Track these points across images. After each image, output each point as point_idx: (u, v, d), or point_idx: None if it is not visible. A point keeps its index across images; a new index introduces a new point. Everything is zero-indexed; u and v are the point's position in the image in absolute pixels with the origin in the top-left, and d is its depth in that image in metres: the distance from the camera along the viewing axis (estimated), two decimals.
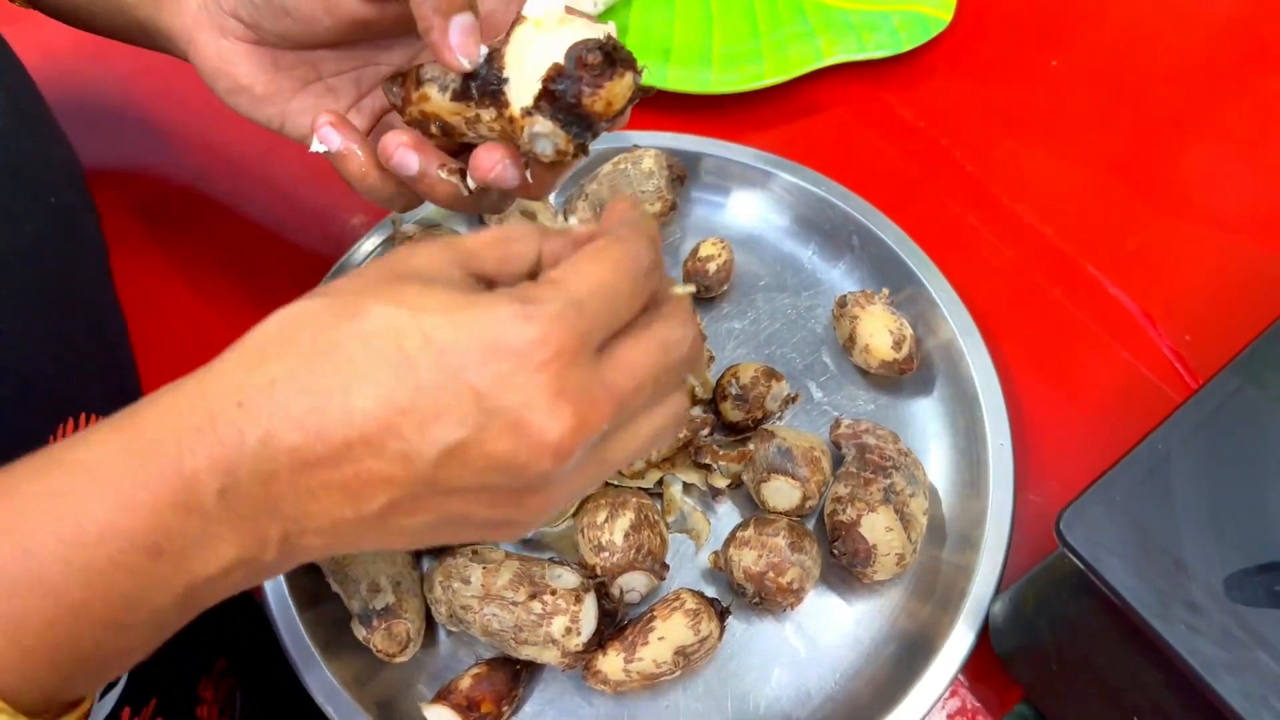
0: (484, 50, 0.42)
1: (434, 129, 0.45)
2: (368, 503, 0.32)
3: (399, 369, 0.31)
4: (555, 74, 0.39)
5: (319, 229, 0.70)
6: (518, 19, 0.41)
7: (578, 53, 0.39)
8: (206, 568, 0.31)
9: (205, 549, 0.31)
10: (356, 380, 0.30)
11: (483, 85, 0.42)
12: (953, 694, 0.54)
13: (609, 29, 0.41)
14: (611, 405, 0.33)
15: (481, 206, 0.48)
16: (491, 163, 0.43)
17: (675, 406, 0.37)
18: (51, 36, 0.63)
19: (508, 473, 0.32)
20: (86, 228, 0.51)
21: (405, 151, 0.45)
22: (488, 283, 0.35)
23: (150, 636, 0.33)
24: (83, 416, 0.45)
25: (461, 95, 0.43)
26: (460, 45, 0.41)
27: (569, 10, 0.41)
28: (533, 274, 0.36)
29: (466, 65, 0.42)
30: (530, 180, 0.44)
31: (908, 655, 0.53)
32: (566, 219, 0.65)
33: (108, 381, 0.50)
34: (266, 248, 0.70)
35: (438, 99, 0.44)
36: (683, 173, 0.66)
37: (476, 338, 0.31)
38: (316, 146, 0.46)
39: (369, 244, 0.64)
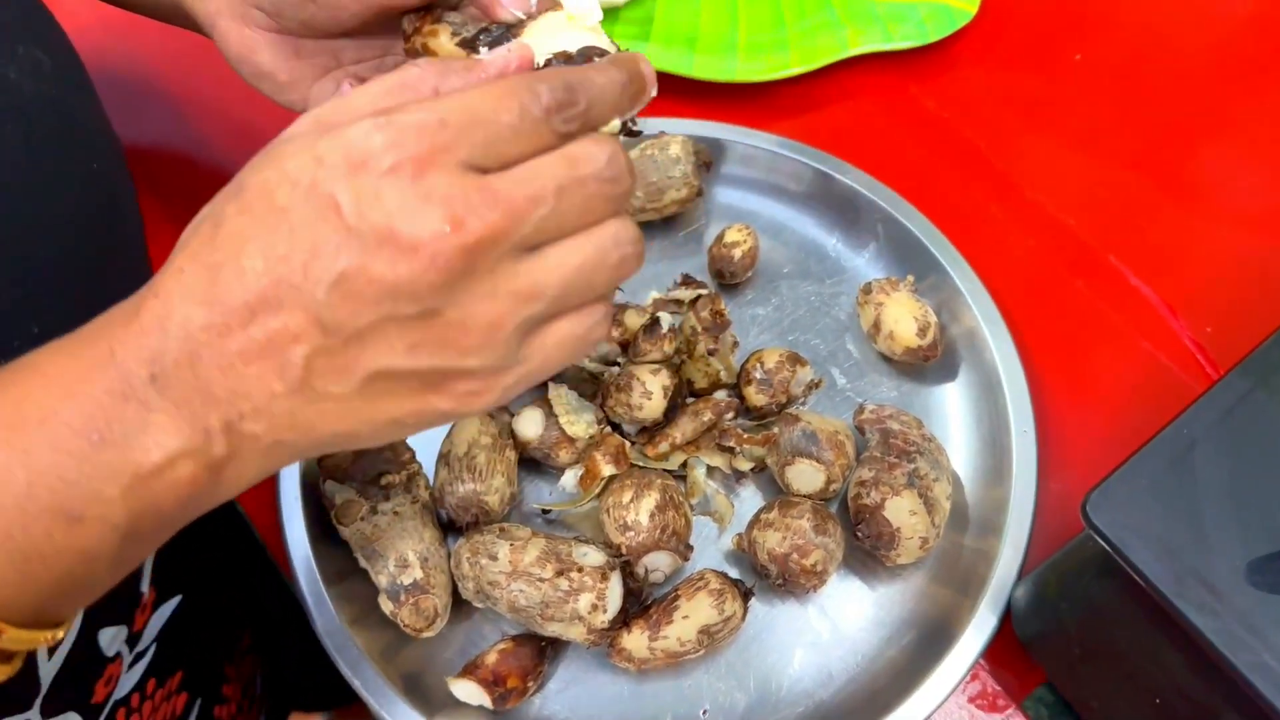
0: (532, 3, 0.43)
1: None
2: (288, 367, 0.31)
3: (273, 219, 0.31)
4: (563, 59, 0.40)
5: None
6: (555, 5, 0.42)
7: (591, 53, 0.39)
8: (149, 456, 0.31)
9: (146, 436, 0.31)
10: (244, 244, 0.31)
11: (494, 43, 0.43)
12: (973, 678, 0.54)
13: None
14: (497, 209, 0.31)
15: None
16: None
17: (614, 230, 0.34)
18: (82, 12, 0.63)
19: (399, 294, 0.31)
20: (126, 199, 0.51)
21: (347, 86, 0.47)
22: None
23: (106, 537, 0.32)
24: None
25: (469, 44, 0.43)
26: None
27: (603, 26, 0.42)
28: None
29: (515, 14, 0.42)
30: None
31: (929, 639, 0.53)
32: None
33: None
34: None
35: (445, 40, 0.44)
36: (709, 159, 0.67)
37: (333, 159, 0.30)
38: None
39: None
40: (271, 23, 0.48)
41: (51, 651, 0.44)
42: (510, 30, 0.42)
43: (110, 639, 0.49)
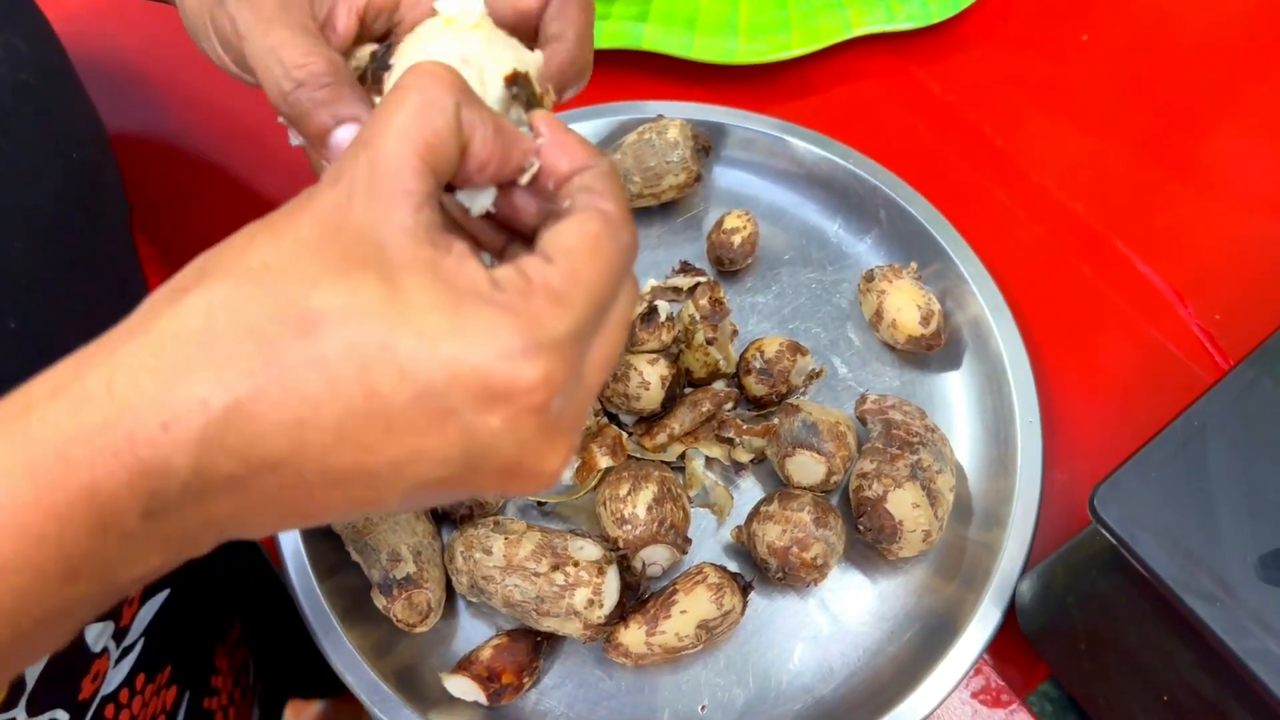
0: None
1: None
2: (322, 517, 0.29)
3: (366, 406, 0.26)
4: (510, 82, 0.37)
5: None
6: (431, 11, 0.39)
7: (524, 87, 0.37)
8: (130, 575, 0.28)
9: (129, 564, 0.28)
10: (311, 412, 0.26)
11: (375, 70, 0.39)
12: (977, 673, 0.53)
13: (536, 59, 0.39)
14: (591, 400, 0.31)
15: None
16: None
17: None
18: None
19: (494, 493, 0.31)
20: (110, 187, 0.50)
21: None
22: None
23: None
24: None
25: (374, 76, 0.39)
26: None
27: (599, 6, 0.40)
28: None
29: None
30: None
31: (932, 634, 0.53)
32: None
33: None
34: None
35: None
36: (708, 144, 0.65)
37: (466, 374, 0.27)
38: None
39: None
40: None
41: None
42: (388, 52, 0.39)
43: (97, 635, 0.48)
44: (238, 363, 0.26)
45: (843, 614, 0.54)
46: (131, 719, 0.53)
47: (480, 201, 0.33)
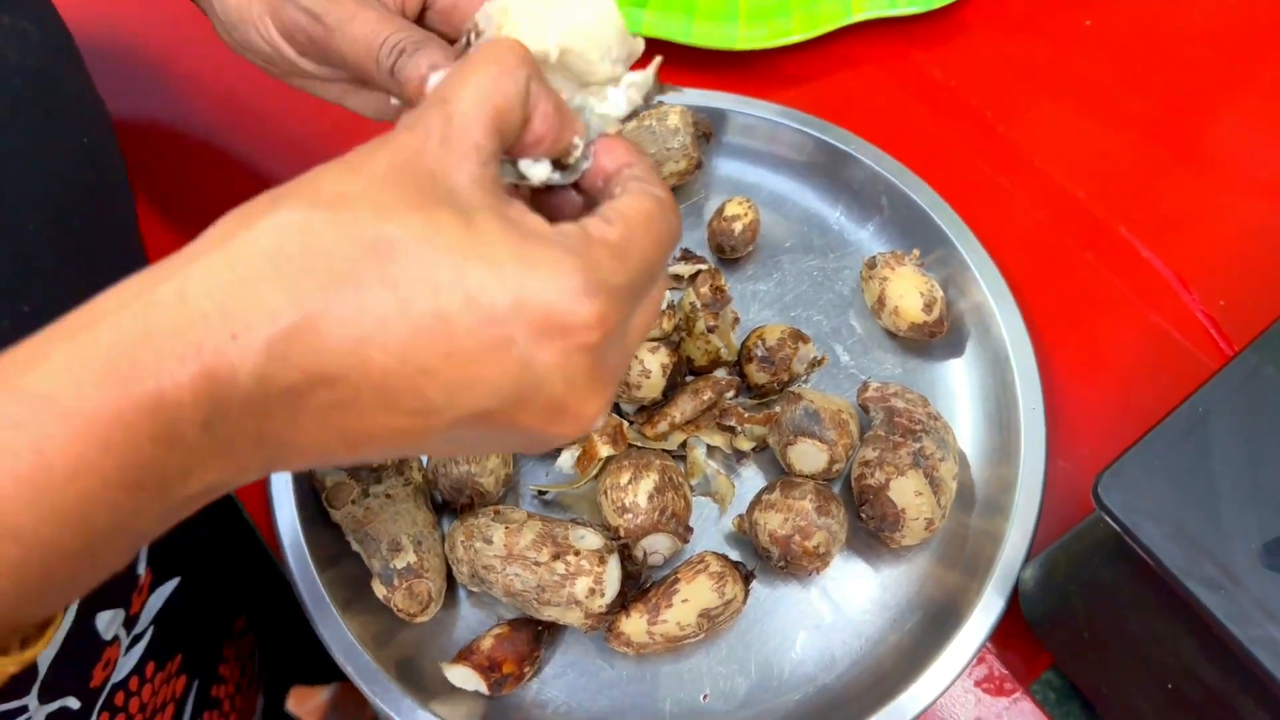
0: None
1: None
2: (368, 448, 0.30)
3: (433, 327, 0.28)
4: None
5: None
6: None
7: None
8: (185, 492, 0.29)
9: (187, 477, 0.28)
10: (378, 330, 0.27)
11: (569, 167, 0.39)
12: (979, 661, 0.53)
13: (639, 45, 0.39)
14: (628, 365, 0.34)
15: None
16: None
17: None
18: None
19: (529, 436, 0.31)
20: (115, 174, 0.50)
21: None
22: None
23: (126, 555, 0.30)
24: None
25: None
26: None
27: None
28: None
29: None
30: None
31: (935, 622, 0.52)
32: None
33: None
34: None
35: None
36: (708, 130, 0.65)
37: (529, 304, 0.28)
38: None
39: None
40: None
41: None
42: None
43: (107, 622, 0.48)
44: (310, 279, 0.27)
45: (845, 602, 0.54)
46: (141, 707, 0.53)
47: (537, 171, 0.35)
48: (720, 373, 0.58)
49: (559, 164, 0.35)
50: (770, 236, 0.65)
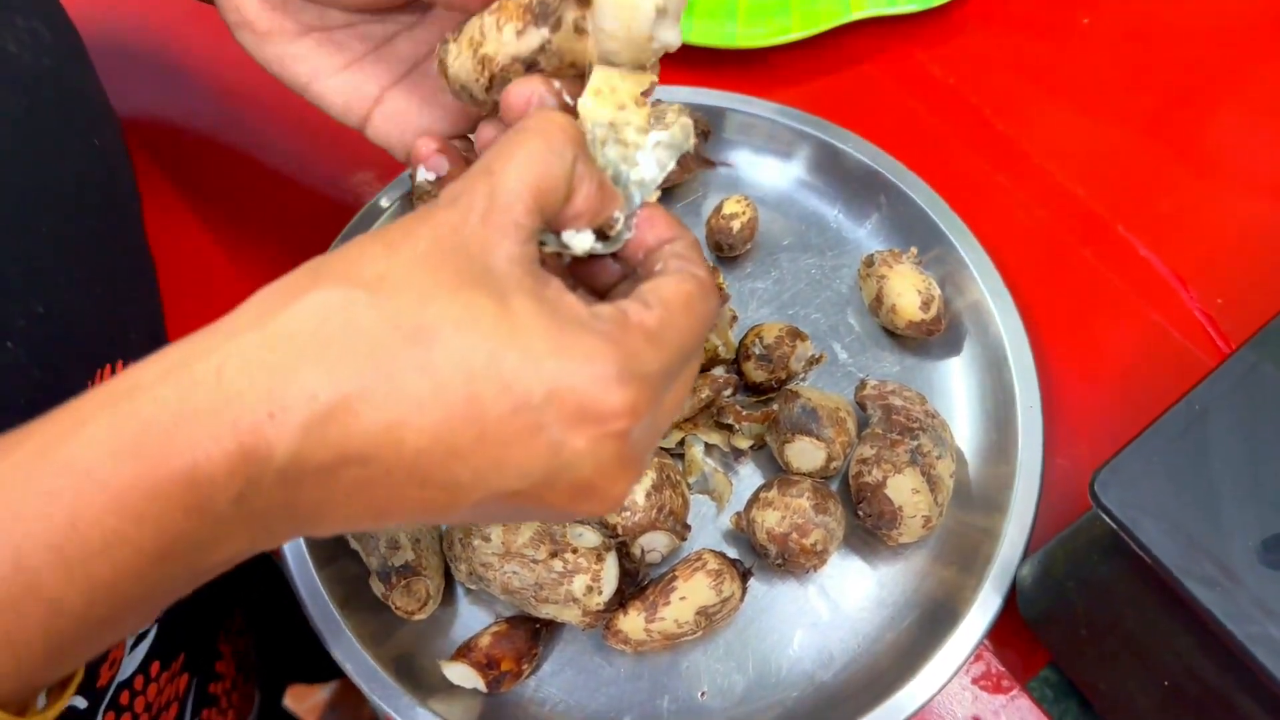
0: None
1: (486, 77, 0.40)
2: (396, 519, 0.31)
3: (466, 412, 0.28)
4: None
5: (344, 180, 0.69)
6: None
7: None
8: (210, 561, 0.30)
9: (216, 547, 0.29)
10: (413, 414, 0.28)
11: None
12: (977, 659, 0.53)
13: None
14: (659, 439, 0.34)
15: None
16: (526, 94, 0.38)
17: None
18: None
19: (555, 512, 0.32)
20: (124, 174, 0.50)
21: (437, 159, 0.43)
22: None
23: (149, 618, 0.32)
24: (119, 363, 0.45)
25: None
26: None
27: None
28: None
29: None
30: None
31: (932, 619, 0.52)
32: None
33: (142, 329, 0.50)
34: (291, 197, 0.70)
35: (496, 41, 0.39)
36: (707, 128, 0.65)
37: (562, 392, 0.29)
38: (423, 175, 0.44)
39: (384, 201, 0.63)
40: None
41: None
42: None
43: None
44: (349, 362, 0.28)
45: (842, 600, 0.54)
46: (147, 706, 0.53)
47: (580, 242, 0.35)
48: (718, 370, 0.58)
49: (600, 234, 0.35)
50: (768, 234, 0.65)
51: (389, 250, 0.30)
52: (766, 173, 0.67)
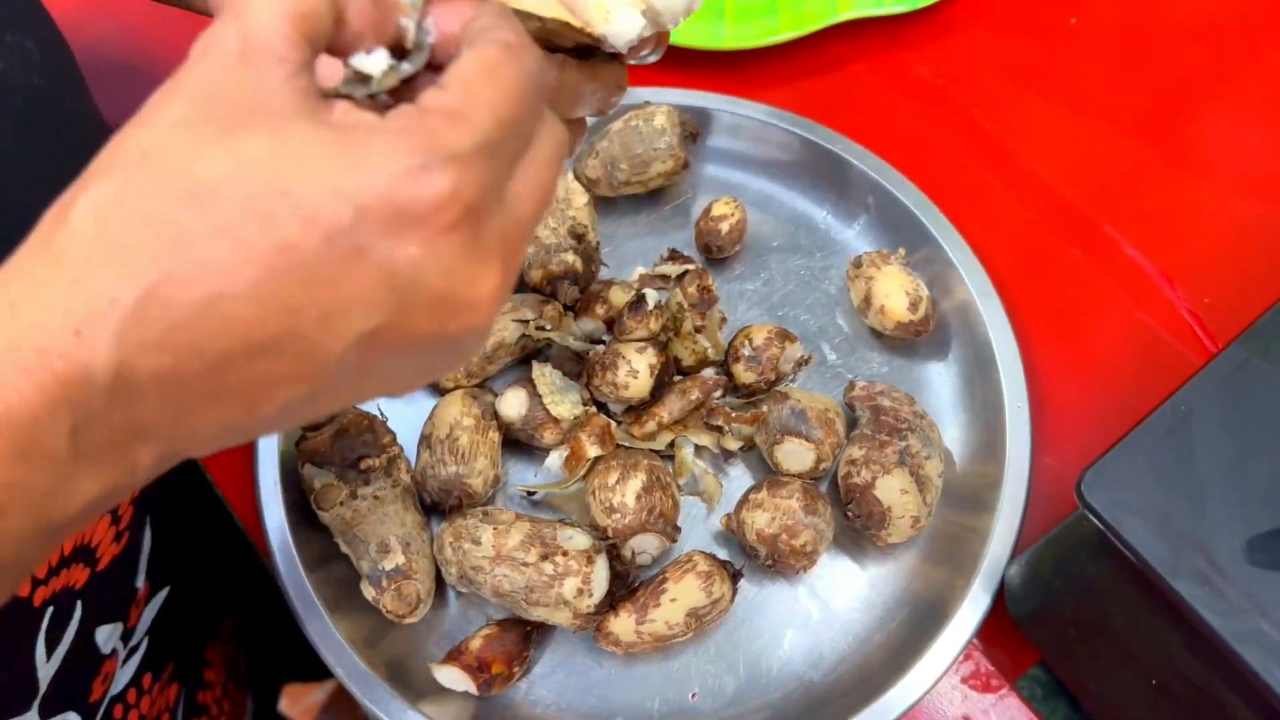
0: None
1: None
2: (264, 405, 0.27)
3: (279, 260, 0.25)
4: None
5: None
6: None
7: None
8: (65, 510, 0.27)
9: (61, 493, 0.26)
10: (227, 284, 0.25)
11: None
12: (966, 658, 0.53)
13: None
14: (525, 235, 0.30)
15: None
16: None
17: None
18: None
19: (436, 343, 0.28)
20: None
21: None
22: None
23: (11, 586, 0.29)
24: None
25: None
26: None
27: None
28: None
29: None
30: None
31: (921, 619, 0.53)
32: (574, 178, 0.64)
33: None
34: None
35: None
36: (695, 130, 0.65)
37: (371, 204, 0.25)
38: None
39: None
40: None
41: (50, 652, 0.44)
42: None
43: (107, 636, 0.49)
44: (140, 252, 0.25)
45: (832, 600, 0.54)
46: (140, 718, 0.53)
47: (373, 64, 0.30)
48: (708, 372, 0.59)
49: (399, 52, 0.31)
50: (757, 236, 0.65)
51: (145, 125, 0.27)
52: (755, 174, 0.67)
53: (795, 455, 0.54)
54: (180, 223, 0.25)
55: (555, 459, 0.56)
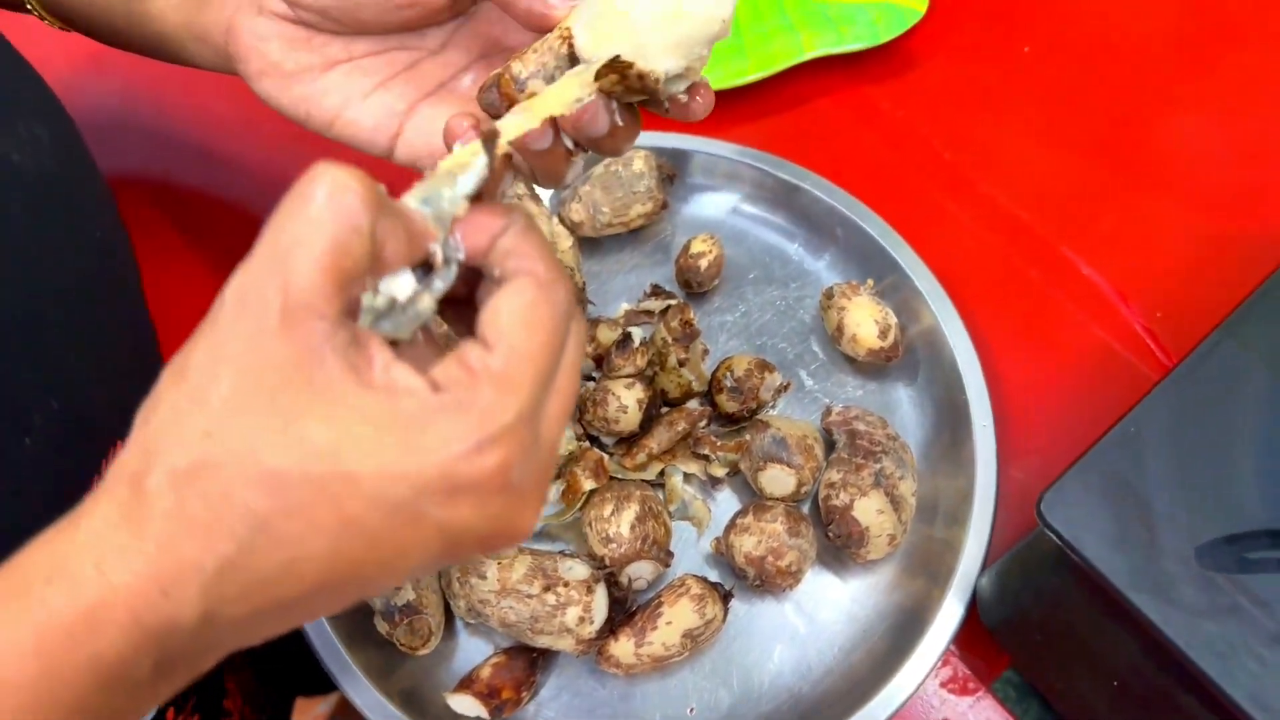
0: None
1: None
2: (324, 614, 0.33)
3: (347, 530, 0.29)
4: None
5: None
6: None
7: None
8: (141, 713, 0.31)
9: (141, 706, 0.30)
10: (301, 551, 0.28)
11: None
12: (945, 663, 0.57)
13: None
14: (555, 453, 0.33)
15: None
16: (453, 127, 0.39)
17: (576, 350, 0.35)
18: (65, 47, 0.64)
19: (479, 555, 0.34)
20: (123, 254, 0.52)
21: (471, 134, 0.39)
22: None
23: None
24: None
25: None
26: None
27: None
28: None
29: (560, 10, 0.40)
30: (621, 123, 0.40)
31: (901, 628, 0.56)
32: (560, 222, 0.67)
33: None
34: None
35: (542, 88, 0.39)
36: (672, 172, 0.68)
37: (430, 482, 0.29)
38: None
39: None
40: (288, 10, 0.46)
41: None
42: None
43: None
44: (218, 527, 0.28)
45: (817, 615, 0.58)
46: None
47: (400, 287, 0.32)
48: (693, 404, 0.62)
49: (428, 268, 0.33)
50: (734, 269, 0.69)
51: (198, 401, 0.29)
52: (730, 211, 0.71)
53: (778, 480, 0.58)
54: (254, 505, 0.28)
55: (553, 491, 0.59)
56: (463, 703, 0.53)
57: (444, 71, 0.48)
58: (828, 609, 0.58)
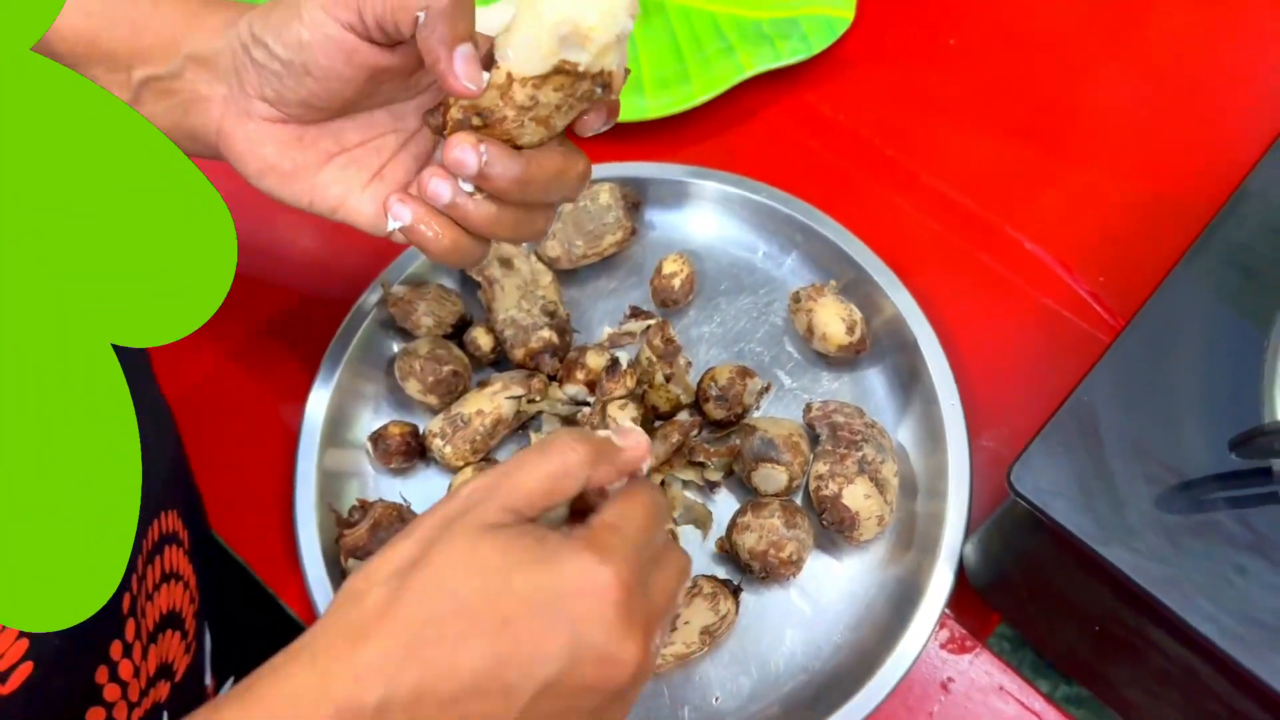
0: (485, 77, 0.46)
1: (475, 121, 0.47)
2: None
3: (499, 627, 0.38)
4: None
5: (341, 305, 0.71)
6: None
7: None
8: None
9: None
10: (462, 644, 0.38)
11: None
12: (942, 627, 0.61)
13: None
14: (661, 624, 0.42)
15: (467, 259, 0.52)
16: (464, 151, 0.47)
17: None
18: None
19: (595, 693, 0.40)
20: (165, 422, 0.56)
21: (438, 182, 0.49)
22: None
23: None
24: (164, 515, 0.51)
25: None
26: (464, 73, 0.45)
27: None
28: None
29: (472, 89, 0.46)
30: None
31: (899, 600, 0.61)
32: (537, 259, 0.71)
33: (175, 478, 0.56)
34: (291, 323, 0.73)
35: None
36: (637, 200, 0.72)
37: (563, 587, 0.39)
38: (391, 224, 0.50)
39: (370, 299, 0.70)
40: (274, 112, 0.49)
41: None
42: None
43: None
44: (399, 622, 0.38)
45: (821, 597, 0.62)
46: None
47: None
48: (683, 415, 0.66)
49: None
50: (706, 283, 0.73)
51: (427, 533, 0.41)
52: (696, 229, 0.75)
53: (770, 478, 0.62)
54: (431, 605, 0.39)
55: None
56: None
57: (429, 146, 0.52)
58: (830, 591, 0.63)
